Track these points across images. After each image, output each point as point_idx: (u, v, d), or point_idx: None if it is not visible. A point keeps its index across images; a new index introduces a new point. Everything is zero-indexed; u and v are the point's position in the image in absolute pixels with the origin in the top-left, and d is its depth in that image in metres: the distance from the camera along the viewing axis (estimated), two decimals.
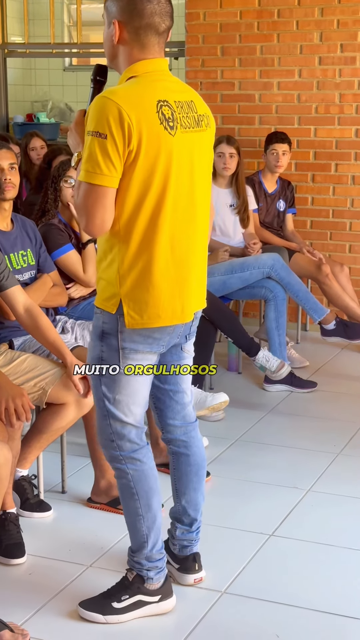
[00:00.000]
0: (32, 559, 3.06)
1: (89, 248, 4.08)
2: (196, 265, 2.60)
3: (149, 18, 2.44)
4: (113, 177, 2.38)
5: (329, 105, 5.93)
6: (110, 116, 2.34)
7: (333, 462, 3.94)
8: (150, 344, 2.56)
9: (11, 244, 3.58)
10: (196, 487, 2.84)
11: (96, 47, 7.45)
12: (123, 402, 2.59)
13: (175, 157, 2.45)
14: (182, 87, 2.56)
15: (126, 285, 2.48)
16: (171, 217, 2.48)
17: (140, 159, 2.38)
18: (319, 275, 5.52)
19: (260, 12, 5.95)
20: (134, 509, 2.67)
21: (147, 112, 2.38)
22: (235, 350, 5.14)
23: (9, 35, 7.20)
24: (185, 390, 2.80)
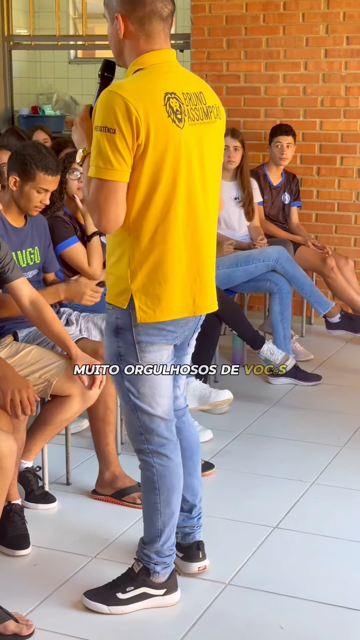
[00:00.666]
0: (36, 550, 3.07)
1: (94, 240, 4.08)
2: (208, 257, 2.60)
3: (151, 4, 2.42)
4: (124, 171, 2.37)
5: (335, 98, 5.92)
6: (117, 110, 2.33)
7: (337, 455, 3.94)
8: (165, 336, 2.56)
9: (21, 241, 3.58)
10: (191, 472, 2.84)
11: (101, 40, 7.44)
12: (148, 394, 2.58)
13: (184, 149, 2.44)
14: (191, 78, 2.55)
15: (137, 280, 2.48)
16: (183, 210, 2.48)
17: (149, 153, 2.38)
18: (324, 268, 5.51)
19: (266, 5, 5.94)
20: (153, 502, 2.67)
21: (154, 105, 2.37)
22: (240, 343, 5.14)
23: (14, 28, 7.19)
24: (179, 385, 2.81)
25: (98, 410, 3.42)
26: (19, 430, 3.05)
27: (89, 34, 7.16)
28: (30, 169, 3.48)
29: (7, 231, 3.52)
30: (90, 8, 7.10)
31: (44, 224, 3.79)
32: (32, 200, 3.51)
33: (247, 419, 4.35)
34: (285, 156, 5.55)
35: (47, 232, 3.78)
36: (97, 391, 3.27)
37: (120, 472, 3.46)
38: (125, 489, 3.42)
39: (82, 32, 7.11)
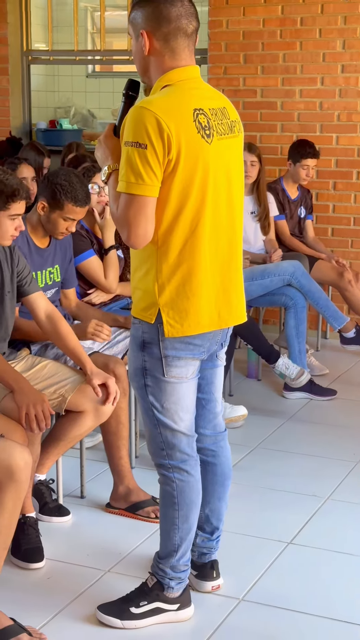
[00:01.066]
0: (50, 563, 3.08)
1: (111, 254, 4.10)
2: (233, 269, 2.60)
3: (176, 21, 2.43)
4: (155, 186, 2.37)
5: (351, 113, 5.93)
6: (149, 126, 2.33)
7: (352, 470, 3.93)
8: (192, 350, 2.56)
9: (43, 261, 3.60)
10: (221, 496, 2.85)
11: (119, 54, 7.48)
12: (171, 410, 2.59)
13: (212, 165, 2.46)
14: (215, 94, 2.57)
15: (165, 294, 2.48)
16: (211, 225, 2.49)
17: (179, 169, 2.39)
18: (341, 282, 5.51)
19: (283, 20, 5.96)
20: (171, 517, 2.68)
21: (184, 121, 2.39)
22: (255, 357, 5.14)
23: (33, 42, 7.25)
24: (217, 399, 2.80)
25: (110, 424, 3.42)
26: (33, 443, 3.07)
27: (106, 49, 7.20)
28: (60, 198, 3.49)
29: (31, 251, 3.55)
30: (108, 23, 7.15)
31: (69, 241, 3.80)
32: (58, 227, 3.53)
33: (262, 434, 4.35)
34: (309, 178, 5.57)
35: (71, 249, 3.80)
36: (110, 407, 3.28)
37: (135, 485, 3.46)
38: (140, 503, 3.42)
39: (100, 47, 7.15)
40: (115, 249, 4.12)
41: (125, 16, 6.93)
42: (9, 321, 3.24)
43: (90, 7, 8.66)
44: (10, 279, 3.19)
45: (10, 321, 3.24)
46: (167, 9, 2.43)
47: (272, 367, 4.70)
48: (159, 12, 2.43)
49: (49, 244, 3.65)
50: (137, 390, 2.64)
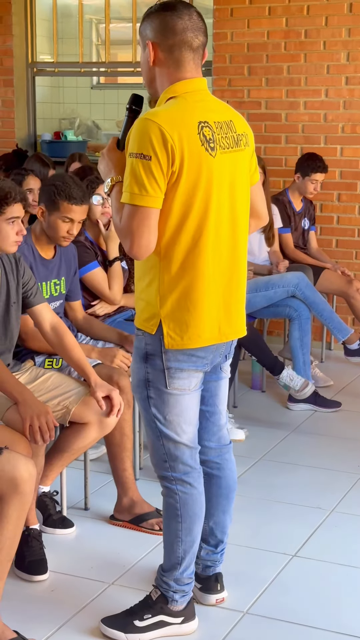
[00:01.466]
0: (54, 575, 3.07)
1: (115, 266, 4.10)
2: (235, 283, 2.60)
3: (181, 34, 2.45)
4: (158, 197, 2.38)
5: (356, 125, 5.94)
6: (153, 137, 2.35)
7: (357, 482, 3.91)
8: (195, 362, 2.56)
9: (48, 272, 3.60)
10: (225, 509, 2.84)
11: (124, 66, 7.51)
12: (174, 421, 2.59)
13: (216, 178, 2.46)
14: (221, 107, 2.57)
15: (167, 306, 2.49)
16: (214, 238, 2.49)
17: (182, 180, 2.39)
18: (349, 289, 5.51)
19: (288, 33, 5.98)
20: (174, 530, 2.67)
21: (189, 133, 2.39)
22: (259, 369, 5.14)
23: (38, 54, 7.28)
24: (222, 411, 2.79)
25: (114, 436, 3.42)
26: (37, 455, 3.06)
27: (111, 61, 7.23)
28: (55, 198, 3.50)
29: (36, 262, 3.55)
30: (113, 35, 7.18)
31: (74, 253, 3.80)
32: (59, 230, 3.52)
33: (266, 445, 4.34)
34: (316, 192, 5.58)
35: (76, 261, 3.80)
36: (114, 419, 3.27)
37: (139, 497, 3.45)
38: (143, 515, 3.41)
39: (105, 59, 7.18)
40: (119, 260, 4.12)
41: (130, 28, 6.97)
42: (14, 332, 3.24)
43: (95, 19, 8.70)
44: (15, 289, 3.19)
45: (15, 332, 3.25)
46: (173, 21, 2.45)
47: (277, 379, 4.70)
48: (166, 24, 2.46)
49: (54, 255, 3.65)
50: (140, 402, 2.64)
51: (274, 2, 5.97)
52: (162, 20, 2.46)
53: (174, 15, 2.45)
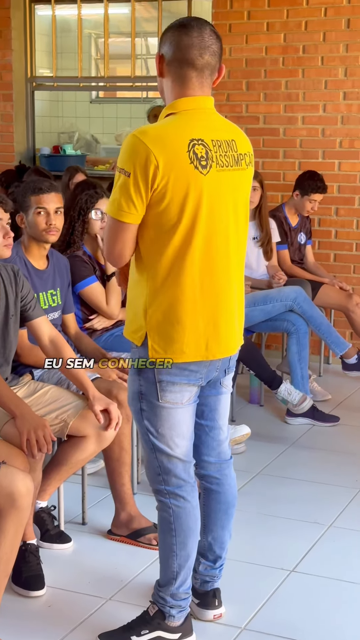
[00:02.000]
0: (51, 590, 3.06)
1: (113, 280, 4.10)
2: (229, 303, 2.58)
3: (184, 50, 2.46)
4: (132, 214, 2.42)
5: (353, 140, 5.96)
6: (136, 156, 2.37)
7: (355, 497, 3.91)
8: (187, 376, 2.55)
9: (43, 283, 3.62)
10: (224, 525, 2.83)
11: (123, 81, 7.55)
12: (167, 435, 2.58)
13: (207, 195, 2.46)
14: (224, 126, 2.57)
15: (151, 319, 2.50)
16: (201, 255, 2.48)
17: (167, 197, 2.41)
18: (349, 303, 5.52)
19: (286, 48, 6.01)
20: (169, 544, 2.66)
21: (176, 152, 2.40)
22: (257, 383, 5.14)
23: (37, 68, 7.31)
24: (222, 426, 2.78)
25: (113, 450, 3.42)
26: (34, 469, 3.05)
27: (110, 75, 7.26)
28: (24, 198, 3.57)
29: (30, 273, 3.56)
30: (112, 50, 7.22)
31: (66, 265, 3.82)
32: (38, 224, 3.53)
33: (264, 460, 4.33)
34: (314, 211, 5.59)
35: (69, 274, 3.81)
36: (112, 432, 3.27)
37: (136, 512, 3.45)
38: (141, 530, 3.40)
39: (104, 73, 7.21)
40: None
41: (129, 43, 7.01)
42: (12, 345, 3.24)
43: (94, 33, 8.75)
44: (14, 302, 3.20)
45: (13, 345, 3.25)
46: (180, 37, 2.47)
47: (275, 393, 4.70)
48: (173, 38, 2.48)
49: (47, 266, 3.66)
50: (134, 415, 2.65)
51: (272, 18, 6.00)
52: (172, 35, 2.49)
53: (182, 32, 2.47)
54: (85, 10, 7.21)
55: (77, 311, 4.02)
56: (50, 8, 7.10)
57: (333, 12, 5.86)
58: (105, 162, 7.52)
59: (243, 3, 6.06)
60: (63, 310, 3.78)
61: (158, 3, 6.70)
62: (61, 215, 3.60)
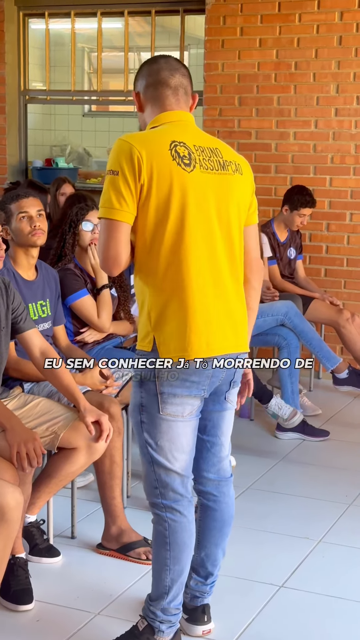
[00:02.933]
0: (40, 605, 3.04)
1: (104, 293, 4.11)
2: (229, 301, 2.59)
3: (156, 74, 2.62)
4: (124, 211, 2.45)
5: (345, 156, 6.00)
6: (122, 154, 2.46)
7: (345, 512, 3.91)
8: (189, 388, 2.55)
9: (32, 293, 3.62)
10: (218, 542, 2.82)
11: (115, 95, 7.58)
12: (165, 448, 2.58)
13: (192, 193, 2.49)
14: (206, 137, 2.64)
15: (154, 321, 2.52)
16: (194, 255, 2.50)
17: (153, 193, 2.45)
18: (340, 318, 5.53)
19: (278, 64, 6.05)
20: (163, 558, 2.65)
21: (158, 149, 2.48)
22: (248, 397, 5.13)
23: (31, 82, 7.33)
24: (224, 443, 2.76)
25: (104, 463, 3.41)
26: (24, 483, 3.04)
27: (103, 89, 7.29)
28: (6, 209, 3.59)
29: (19, 285, 3.56)
30: (105, 64, 7.24)
31: (55, 276, 3.82)
32: (23, 230, 3.56)
33: (254, 474, 4.33)
34: (303, 226, 5.61)
35: (58, 285, 3.82)
36: (103, 445, 3.26)
37: (127, 526, 3.43)
38: (131, 544, 3.39)
39: (97, 87, 7.24)
40: (108, 288, 4.13)
41: (122, 57, 7.04)
42: (3, 357, 3.23)
43: (87, 47, 8.78)
44: (5, 315, 3.19)
45: (4, 357, 3.24)
46: (149, 66, 2.65)
47: (265, 407, 4.70)
48: (143, 70, 2.66)
49: (36, 277, 3.67)
50: (135, 427, 2.64)
51: (264, 34, 6.05)
52: (141, 68, 2.67)
53: (151, 63, 2.65)
54: (79, 24, 7.24)
55: (68, 324, 4.02)
56: (44, 22, 7.13)
57: (325, 30, 5.91)
58: (98, 175, 7.53)
59: (236, 19, 6.10)
60: (53, 322, 3.78)
61: (151, 18, 6.74)
62: (44, 217, 3.63)
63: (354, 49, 5.87)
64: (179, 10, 6.61)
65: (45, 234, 3.62)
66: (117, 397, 3.65)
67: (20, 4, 7.00)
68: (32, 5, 7.02)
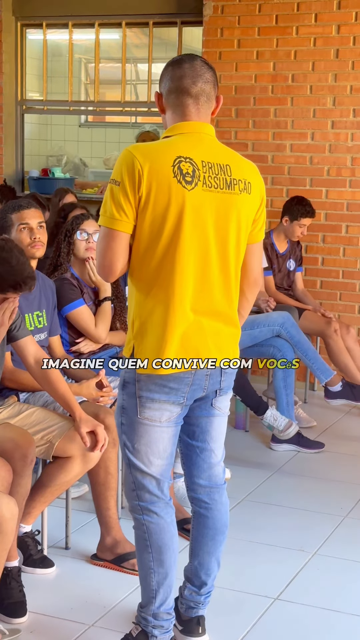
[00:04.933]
0: (33, 616, 3.02)
1: (105, 305, 4.09)
2: (210, 326, 2.58)
3: (178, 80, 2.57)
4: (123, 221, 2.48)
5: (341, 168, 6.01)
6: (124, 165, 2.48)
7: (340, 525, 3.90)
8: (167, 394, 2.55)
9: (29, 304, 3.61)
10: (210, 551, 2.80)
11: (112, 105, 7.59)
12: (142, 451, 2.59)
13: (189, 211, 2.49)
14: (222, 151, 2.60)
15: (137, 327, 2.54)
16: (184, 269, 2.50)
17: (150, 207, 2.46)
18: (328, 329, 5.52)
19: (275, 77, 6.08)
20: (146, 561, 2.65)
21: (161, 164, 2.47)
22: (243, 408, 5.13)
23: (28, 92, 7.34)
24: (214, 449, 2.76)
25: (99, 474, 3.40)
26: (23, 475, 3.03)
27: (100, 100, 7.30)
28: (4, 219, 3.59)
29: None
30: (102, 75, 7.27)
31: (52, 287, 3.82)
32: (22, 240, 3.55)
33: (249, 486, 4.32)
34: (303, 236, 5.62)
35: (54, 295, 3.81)
36: (98, 454, 3.25)
37: (121, 537, 3.42)
38: (125, 555, 3.38)
39: (94, 98, 7.25)
40: (109, 300, 4.12)
41: (119, 68, 7.05)
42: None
43: (84, 58, 8.80)
44: None
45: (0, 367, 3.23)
46: (173, 71, 2.60)
47: (261, 419, 4.69)
48: (166, 73, 2.62)
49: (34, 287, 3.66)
50: (117, 429, 2.67)
51: (262, 47, 6.07)
52: (165, 72, 2.63)
53: (175, 67, 2.61)
54: (77, 35, 7.26)
55: (63, 334, 4.01)
56: (41, 32, 7.15)
57: (322, 42, 5.93)
58: (94, 185, 7.54)
59: (233, 31, 6.12)
60: (49, 333, 3.77)
61: (149, 30, 6.76)
62: (44, 229, 3.63)
63: (350, 62, 5.89)
64: (176, 22, 6.63)
65: (44, 247, 3.62)
66: (113, 407, 3.64)
67: (18, 15, 7.02)
68: (30, 16, 7.04)
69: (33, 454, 3.08)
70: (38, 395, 3.53)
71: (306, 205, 5.53)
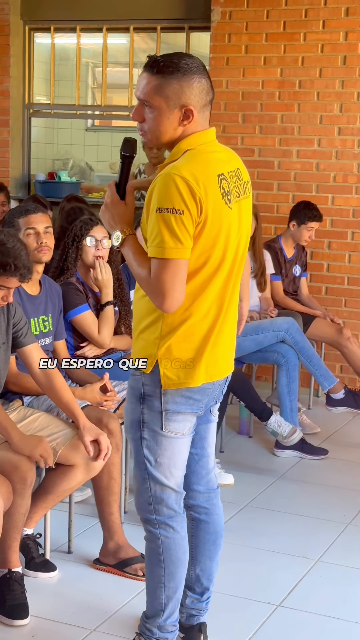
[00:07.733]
0: (35, 620, 3.02)
1: (107, 310, 4.09)
2: (228, 327, 2.60)
3: (207, 94, 2.50)
4: (189, 248, 2.39)
5: (347, 175, 6.01)
6: (183, 191, 2.35)
7: (343, 532, 3.89)
8: (192, 405, 2.55)
9: (35, 308, 3.61)
10: (212, 556, 2.81)
11: (119, 110, 7.60)
12: (164, 464, 2.57)
13: (232, 228, 2.49)
14: (230, 156, 2.59)
15: (166, 346, 2.48)
16: (220, 286, 2.51)
17: (204, 232, 2.41)
18: (341, 338, 5.53)
19: (282, 83, 6.08)
20: (157, 575, 2.63)
21: (211, 186, 2.42)
22: (247, 414, 5.13)
23: (35, 95, 7.35)
24: (210, 455, 2.78)
25: (102, 479, 3.39)
26: (23, 496, 3.03)
27: (107, 104, 7.31)
28: (12, 223, 3.58)
29: (22, 299, 3.55)
30: (109, 79, 7.27)
31: (58, 292, 3.81)
32: (29, 244, 3.53)
33: (252, 492, 4.31)
34: (311, 240, 5.63)
35: (60, 300, 3.81)
36: (101, 463, 3.25)
37: (124, 542, 3.42)
38: (128, 560, 3.37)
39: (101, 102, 7.26)
40: (112, 304, 4.11)
41: (126, 73, 7.07)
42: (3, 372, 3.22)
43: (92, 62, 8.81)
44: (5, 330, 3.18)
45: (3, 372, 3.23)
46: (199, 80, 2.47)
47: (264, 425, 4.69)
48: (193, 83, 2.47)
49: (40, 291, 3.66)
50: (132, 442, 2.62)
51: (269, 53, 6.07)
52: (188, 80, 2.46)
53: (198, 74, 2.46)
54: (84, 39, 7.27)
55: (68, 338, 4.01)
56: (49, 36, 7.16)
57: (329, 49, 5.94)
58: (100, 189, 7.54)
59: (241, 37, 6.13)
60: (54, 337, 3.76)
61: (156, 35, 6.77)
62: (51, 234, 3.62)
63: (358, 69, 5.90)
64: (184, 27, 6.64)
65: (51, 251, 3.62)
66: (117, 412, 3.64)
67: (26, 18, 7.04)
68: (38, 20, 7.05)
69: (33, 477, 3.08)
70: (42, 399, 3.53)
71: (313, 209, 5.54)
